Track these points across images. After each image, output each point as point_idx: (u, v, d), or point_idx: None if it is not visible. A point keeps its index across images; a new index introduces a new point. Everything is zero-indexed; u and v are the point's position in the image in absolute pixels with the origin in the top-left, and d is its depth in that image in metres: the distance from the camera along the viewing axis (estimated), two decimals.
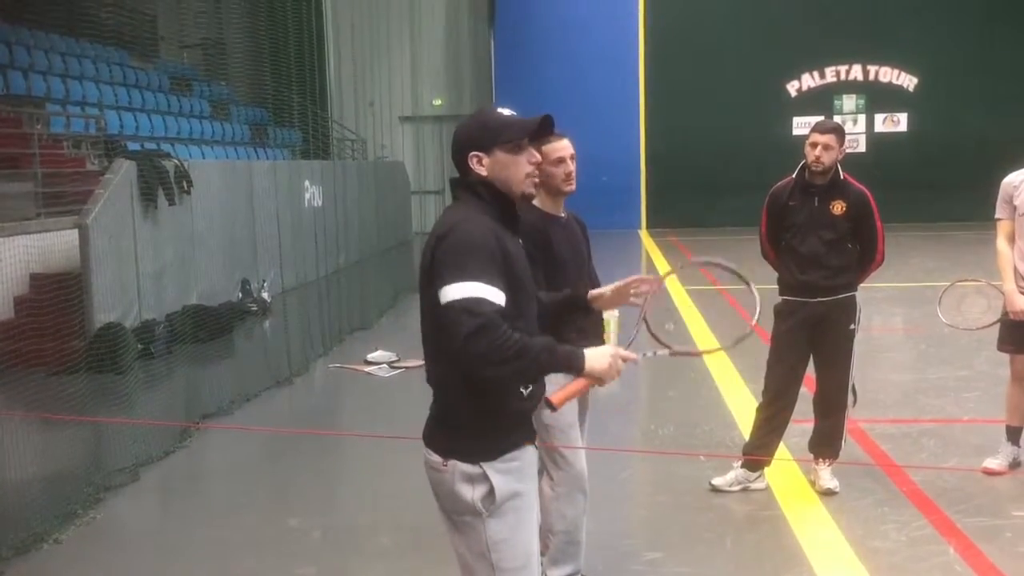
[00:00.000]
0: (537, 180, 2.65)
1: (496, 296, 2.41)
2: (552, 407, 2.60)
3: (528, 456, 2.64)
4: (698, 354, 3.10)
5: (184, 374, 8.71)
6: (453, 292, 2.40)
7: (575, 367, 2.52)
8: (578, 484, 3.82)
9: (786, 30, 21.80)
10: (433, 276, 2.48)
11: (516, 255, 2.56)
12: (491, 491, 2.53)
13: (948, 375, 7.60)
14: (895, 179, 19.06)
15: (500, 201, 2.60)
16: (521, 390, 2.56)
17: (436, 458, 2.58)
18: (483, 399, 2.51)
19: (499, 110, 2.67)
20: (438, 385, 2.61)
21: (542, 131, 2.63)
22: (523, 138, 2.60)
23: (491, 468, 2.53)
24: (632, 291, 3.12)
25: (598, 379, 2.56)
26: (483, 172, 2.58)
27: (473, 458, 2.53)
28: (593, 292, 3.12)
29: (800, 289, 5.00)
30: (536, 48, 22.44)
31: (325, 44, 21.24)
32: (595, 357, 2.54)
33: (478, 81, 23.45)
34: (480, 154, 2.58)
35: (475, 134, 2.61)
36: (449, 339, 2.40)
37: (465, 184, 2.63)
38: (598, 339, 4.03)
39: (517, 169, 2.59)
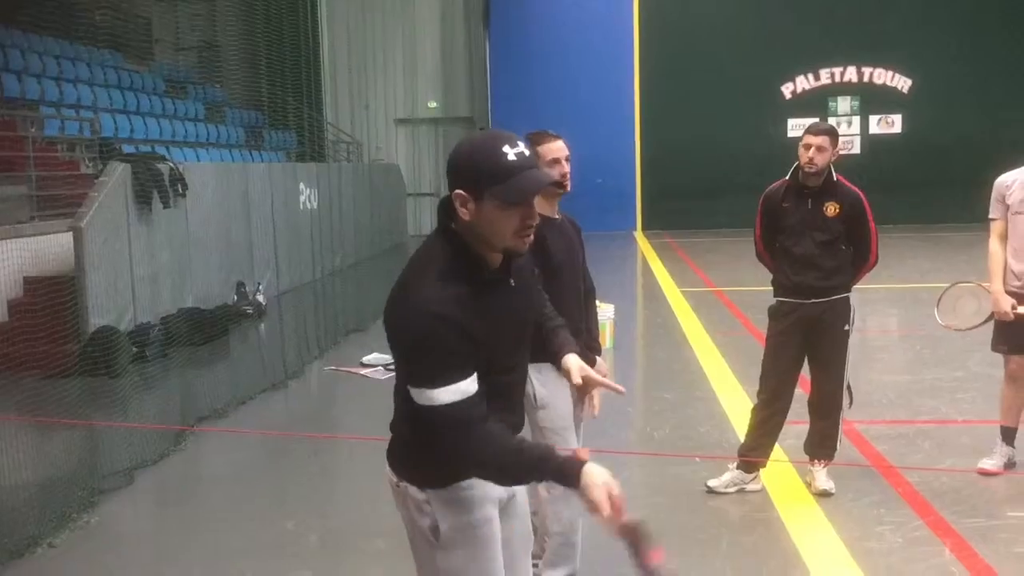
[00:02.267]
0: (531, 239, 2.26)
1: (468, 388, 2.19)
2: None
3: (481, 487, 2.38)
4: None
5: (179, 377, 8.70)
6: (423, 397, 2.21)
7: (567, 484, 2.23)
8: None
9: (781, 32, 21.83)
10: (392, 351, 2.31)
11: (480, 327, 2.21)
12: (435, 522, 2.36)
13: (943, 376, 7.61)
14: (890, 181, 19.11)
15: (468, 260, 2.25)
16: None
17: (391, 475, 2.46)
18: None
19: (505, 148, 2.19)
20: (401, 402, 2.38)
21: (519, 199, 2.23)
22: (521, 202, 2.20)
23: (436, 497, 2.36)
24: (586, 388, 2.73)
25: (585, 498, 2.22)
26: (466, 217, 2.21)
27: (422, 484, 2.38)
28: (564, 363, 2.69)
29: (794, 290, 5.01)
30: (531, 50, 22.45)
31: (320, 46, 21.23)
32: (588, 482, 2.19)
33: (473, 84, 23.46)
34: (467, 196, 2.19)
35: (470, 172, 2.20)
36: (432, 437, 2.25)
37: (442, 223, 2.30)
38: (594, 341, 4.04)
39: (507, 224, 2.21)
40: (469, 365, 2.22)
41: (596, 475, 2.20)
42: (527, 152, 2.23)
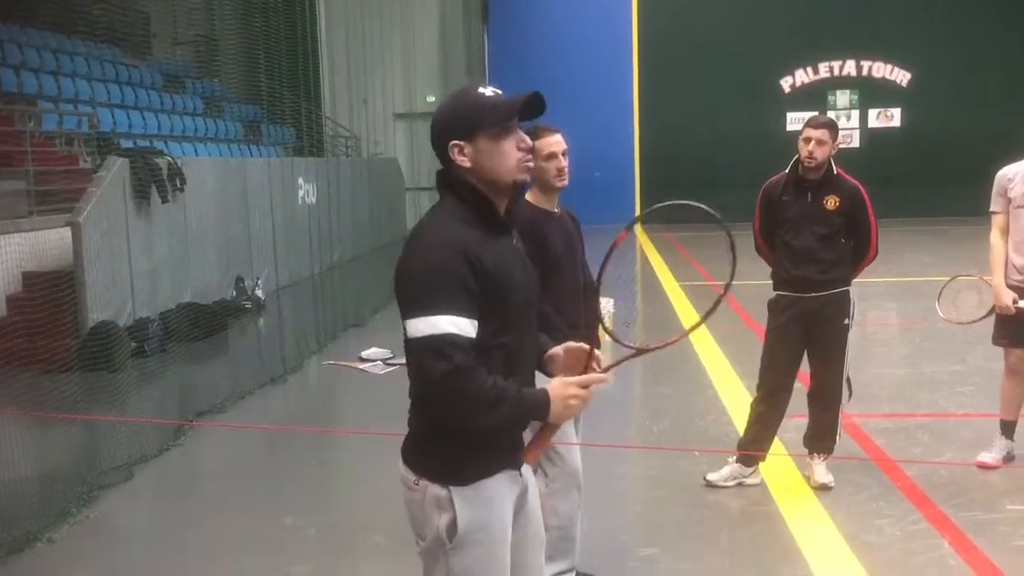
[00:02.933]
0: (531, 165, 2.37)
1: (465, 327, 2.19)
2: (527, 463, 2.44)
3: (503, 486, 2.38)
4: (671, 342, 2.72)
5: (178, 372, 8.70)
6: (418, 327, 2.19)
7: (539, 415, 2.30)
8: (573, 480, 3.81)
9: (780, 26, 21.80)
10: (399, 298, 2.28)
11: (497, 267, 2.27)
12: (454, 520, 2.31)
13: (942, 369, 7.61)
14: (889, 174, 19.08)
15: (479, 203, 2.32)
16: None
17: (408, 474, 2.38)
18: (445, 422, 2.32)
19: (480, 90, 2.35)
20: (415, 401, 2.36)
21: (531, 110, 2.33)
22: (509, 120, 2.30)
23: (458, 494, 2.31)
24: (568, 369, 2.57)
25: (563, 420, 2.35)
26: (466, 163, 2.30)
27: (444, 480, 2.32)
28: (549, 353, 2.57)
29: (794, 284, 5.00)
30: (530, 44, 22.42)
31: (318, 41, 21.18)
32: (556, 400, 2.29)
33: (472, 77, 23.40)
34: (461, 143, 2.30)
35: (454, 120, 2.32)
36: (415, 380, 2.25)
37: (446, 182, 2.36)
38: (593, 332, 4.02)
39: (504, 157, 2.30)
40: (474, 308, 2.22)
41: (560, 387, 2.31)
42: (501, 93, 2.35)
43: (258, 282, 12.28)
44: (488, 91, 2.35)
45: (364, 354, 8.75)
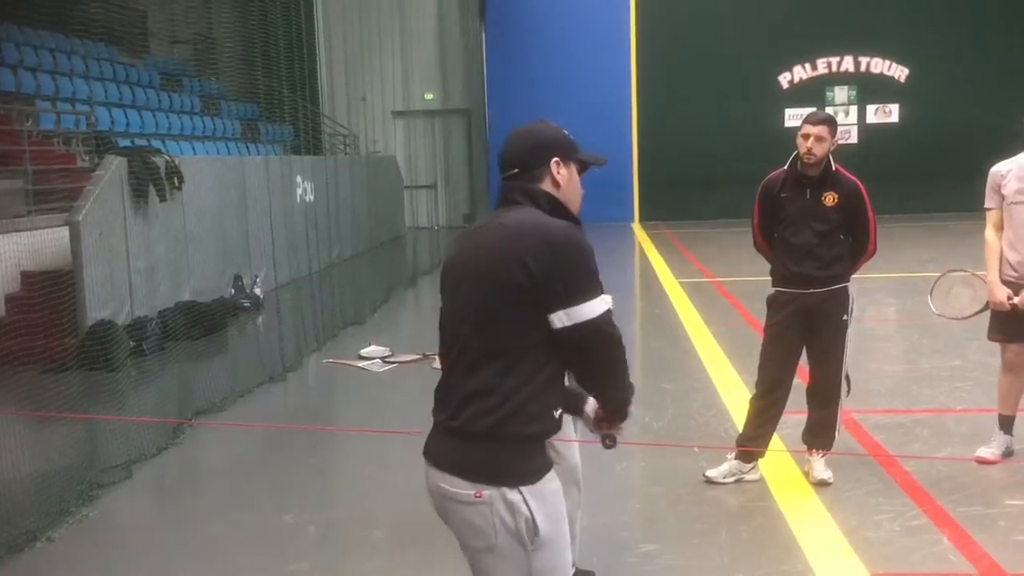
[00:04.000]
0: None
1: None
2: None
3: (557, 479, 2.48)
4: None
5: (177, 371, 8.69)
6: (597, 307, 2.37)
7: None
8: (572, 477, 3.81)
9: (778, 22, 21.79)
10: (564, 285, 2.34)
11: None
12: (532, 520, 2.34)
13: (941, 365, 7.61)
14: (887, 170, 19.07)
15: (563, 212, 2.49)
16: (554, 412, 2.44)
17: (465, 489, 2.35)
18: (532, 414, 2.37)
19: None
20: (486, 399, 2.34)
21: (586, 166, 2.62)
22: (588, 166, 2.60)
23: (532, 493, 2.36)
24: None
25: None
26: (560, 180, 2.51)
27: (514, 482, 2.34)
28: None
29: (793, 280, 5.01)
30: (527, 41, 22.39)
31: (316, 39, 21.18)
32: None
33: (470, 75, 23.40)
34: (561, 162, 2.52)
35: (561, 140, 2.56)
36: (607, 352, 2.42)
37: (527, 191, 2.49)
38: None
39: (578, 187, 2.58)
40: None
41: None
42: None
43: (257, 280, 12.27)
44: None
45: (363, 352, 8.75)
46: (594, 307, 2.36)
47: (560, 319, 2.34)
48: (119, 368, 8.19)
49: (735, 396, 6.66)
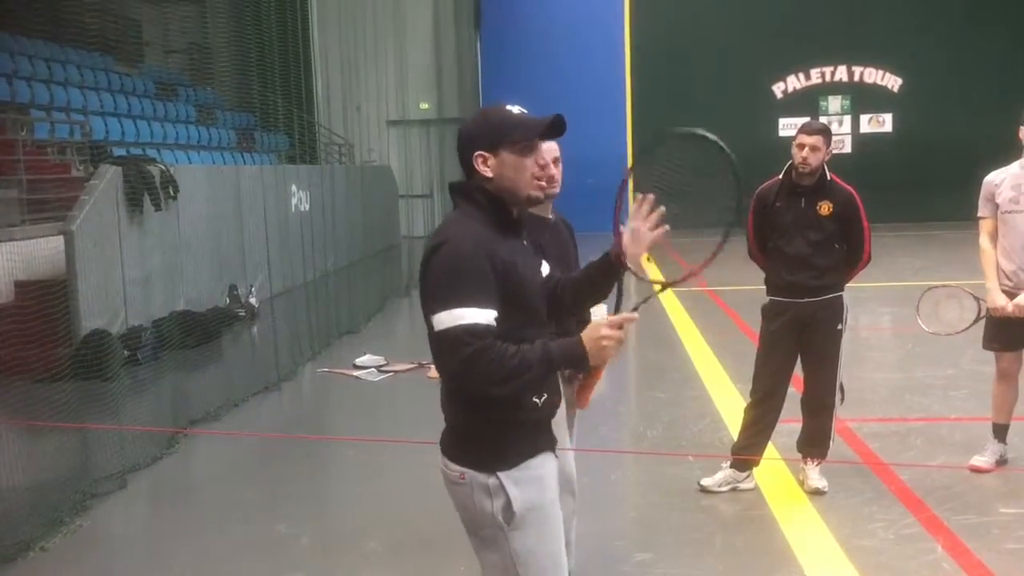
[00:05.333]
0: (544, 184, 2.55)
1: (487, 317, 2.34)
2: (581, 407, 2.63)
3: (548, 464, 2.57)
4: (679, 281, 2.94)
5: (171, 380, 8.67)
6: (443, 320, 2.35)
7: (578, 363, 2.40)
8: (567, 486, 3.79)
9: (772, 32, 21.88)
10: (424, 297, 2.42)
11: (514, 262, 2.45)
12: (508, 503, 2.44)
13: (935, 374, 7.63)
14: (881, 179, 19.11)
15: (496, 207, 2.49)
16: (535, 400, 2.49)
17: (454, 470, 2.50)
18: (495, 409, 2.44)
19: (507, 107, 2.53)
20: (449, 395, 2.52)
21: (553, 132, 2.51)
22: (533, 139, 2.48)
23: (507, 478, 2.45)
24: (646, 225, 2.73)
25: (603, 362, 2.48)
26: (488, 173, 2.47)
27: (488, 468, 2.45)
28: (616, 251, 2.72)
29: (788, 290, 5.02)
30: (522, 51, 22.46)
31: (311, 48, 21.19)
32: (590, 344, 2.38)
33: (465, 84, 23.44)
34: (486, 154, 2.46)
35: (481, 132, 2.49)
36: (444, 367, 2.40)
37: (462, 190, 2.53)
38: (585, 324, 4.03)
39: (524, 172, 2.47)
40: (494, 299, 2.37)
41: (592, 331, 2.39)
42: (527, 111, 2.53)
43: (252, 289, 12.26)
44: (515, 108, 2.52)
45: (358, 361, 8.74)
46: (442, 319, 2.35)
47: (429, 324, 2.41)
48: (113, 378, 8.16)
49: (730, 405, 6.67)
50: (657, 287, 2.73)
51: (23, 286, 8.81)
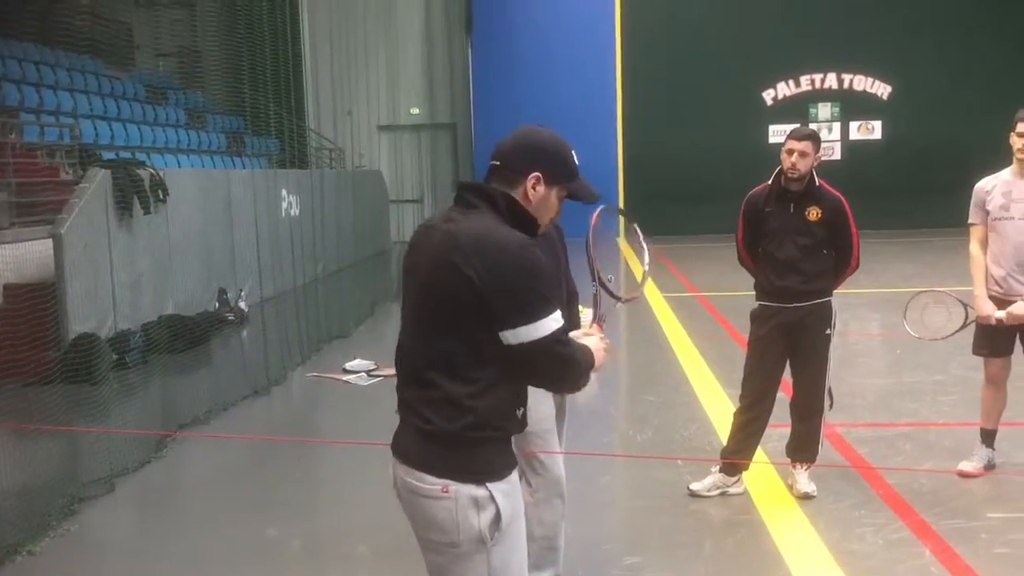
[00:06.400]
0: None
1: (561, 316, 2.40)
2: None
3: (516, 474, 2.55)
4: (633, 298, 3.29)
5: (160, 384, 8.65)
6: (543, 327, 2.33)
7: (591, 369, 2.54)
8: (556, 489, 3.82)
9: (762, 39, 21.96)
10: (498, 305, 2.31)
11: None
12: (498, 515, 2.38)
13: (924, 379, 7.66)
14: (870, 186, 19.22)
15: (523, 220, 2.46)
16: (518, 411, 2.47)
17: (433, 484, 2.37)
18: (496, 416, 2.40)
19: (572, 152, 2.55)
20: (446, 400, 2.36)
21: (588, 200, 2.60)
22: (577, 198, 2.55)
23: (496, 489, 2.39)
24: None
25: (598, 368, 2.61)
26: (531, 196, 2.46)
27: (477, 479, 2.37)
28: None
29: (777, 294, 5.03)
30: (513, 57, 22.49)
31: (302, 53, 21.17)
32: (597, 354, 2.57)
33: (456, 90, 23.47)
34: (540, 180, 2.45)
35: (553, 160, 2.48)
36: (544, 369, 2.40)
37: (486, 194, 2.44)
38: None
39: (552, 210, 2.53)
40: (554, 296, 2.44)
41: (591, 341, 2.60)
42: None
43: (241, 294, 12.23)
44: (575, 158, 2.56)
45: (348, 366, 8.73)
46: (542, 327, 2.33)
47: (507, 338, 2.33)
48: (101, 381, 8.13)
49: (719, 409, 6.68)
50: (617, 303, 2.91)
51: (12, 289, 8.77)
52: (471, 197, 2.44)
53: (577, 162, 2.55)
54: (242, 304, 12.01)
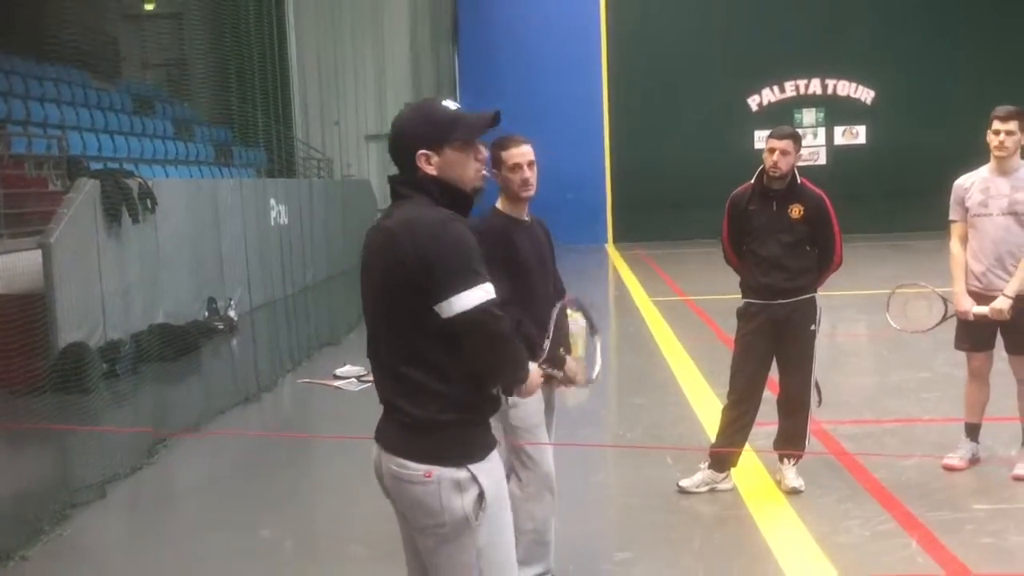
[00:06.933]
0: (484, 173, 2.57)
1: (492, 288, 2.42)
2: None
3: (498, 456, 2.61)
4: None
5: (150, 393, 8.65)
6: (472, 298, 2.36)
7: (521, 380, 2.59)
8: (546, 483, 3.86)
9: (747, 45, 22.13)
10: (429, 281, 2.37)
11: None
12: (481, 495, 2.43)
13: (909, 377, 7.73)
14: (855, 190, 19.36)
15: (454, 197, 2.50)
16: (491, 391, 2.54)
17: (416, 469, 2.43)
18: (466, 397, 2.46)
19: (444, 103, 2.55)
20: (417, 389, 2.44)
21: (492, 125, 2.56)
22: (477, 136, 2.52)
23: (478, 470, 2.45)
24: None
25: (528, 392, 2.71)
26: (432, 171, 2.48)
27: (458, 462, 2.44)
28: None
29: (762, 291, 5.10)
30: (500, 66, 22.60)
31: (289, 63, 21.20)
32: (534, 376, 2.70)
33: (443, 98, 23.51)
34: (429, 153, 2.47)
35: (423, 131, 2.49)
36: (474, 343, 2.40)
37: (413, 183, 2.51)
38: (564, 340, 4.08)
39: (468, 167, 2.51)
40: (484, 269, 2.43)
41: (536, 371, 2.77)
42: (460, 106, 2.58)
43: (231, 303, 12.23)
44: (451, 104, 2.54)
45: (338, 371, 8.75)
46: (470, 297, 2.36)
47: (442, 310, 2.39)
48: (92, 390, 8.13)
49: (707, 409, 6.73)
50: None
51: (1, 300, 8.77)
52: (401, 188, 2.54)
53: (452, 107, 2.54)
54: (232, 313, 12.01)
